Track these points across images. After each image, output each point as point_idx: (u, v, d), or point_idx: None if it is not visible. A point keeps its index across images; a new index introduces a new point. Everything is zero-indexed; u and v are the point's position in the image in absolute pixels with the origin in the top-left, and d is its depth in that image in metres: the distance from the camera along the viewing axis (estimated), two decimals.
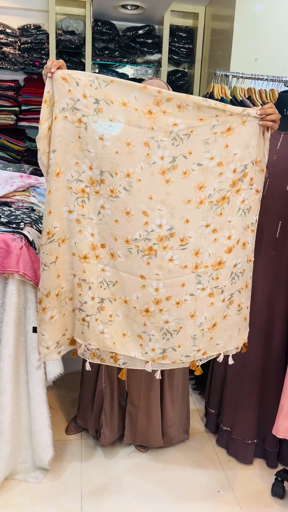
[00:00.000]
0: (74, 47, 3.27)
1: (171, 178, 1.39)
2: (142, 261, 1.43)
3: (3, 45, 3.14)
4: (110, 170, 1.38)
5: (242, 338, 1.62)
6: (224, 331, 1.57)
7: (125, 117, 1.35)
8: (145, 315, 1.48)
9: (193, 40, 3.50)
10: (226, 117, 1.38)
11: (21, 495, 1.70)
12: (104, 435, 1.91)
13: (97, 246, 1.46)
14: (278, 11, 2.84)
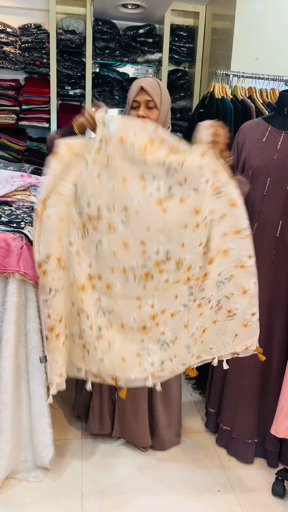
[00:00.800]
0: (75, 47, 3.27)
1: (168, 207, 1.40)
2: (139, 286, 1.45)
3: (4, 45, 3.14)
4: (107, 205, 1.39)
5: (243, 344, 1.59)
6: (216, 335, 1.57)
7: (120, 153, 1.37)
8: (142, 331, 1.51)
9: (194, 39, 3.50)
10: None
11: (22, 494, 1.70)
12: (89, 424, 1.96)
13: (94, 276, 1.47)
14: (279, 10, 2.83)
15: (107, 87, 3.44)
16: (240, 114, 2.17)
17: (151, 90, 1.59)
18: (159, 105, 1.61)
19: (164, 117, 1.65)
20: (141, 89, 1.60)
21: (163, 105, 1.63)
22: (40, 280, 1.45)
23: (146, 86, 1.59)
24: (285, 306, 1.82)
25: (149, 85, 1.60)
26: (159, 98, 1.61)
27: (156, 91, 1.61)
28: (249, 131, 1.83)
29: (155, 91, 1.61)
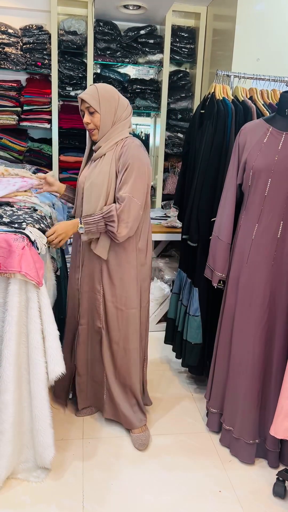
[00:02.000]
0: (76, 47, 3.28)
1: None
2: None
3: (5, 46, 3.14)
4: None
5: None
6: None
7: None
8: None
9: (195, 40, 3.50)
10: None
11: (23, 494, 1.71)
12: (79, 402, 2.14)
13: None
14: (280, 11, 2.84)
15: None
16: (241, 115, 2.17)
17: (87, 97, 1.77)
18: (98, 108, 1.78)
19: (109, 115, 1.80)
20: (81, 100, 1.81)
21: (103, 106, 1.78)
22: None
23: (83, 95, 1.79)
24: (286, 307, 1.82)
25: (86, 93, 1.79)
26: (97, 102, 1.78)
27: (93, 96, 1.78)
28: (250, 132, 1.83)
29: (92, 97, 1.78)
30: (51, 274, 2.05)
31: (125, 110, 1.84)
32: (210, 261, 2.01)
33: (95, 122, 1.80)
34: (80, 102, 1.82)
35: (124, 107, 1.84)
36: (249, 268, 1.83)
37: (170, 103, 3.56)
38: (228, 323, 1.94)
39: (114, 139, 1.82)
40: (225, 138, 2.14)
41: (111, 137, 1.82)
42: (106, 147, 1.82)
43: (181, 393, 2.43)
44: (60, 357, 1.67)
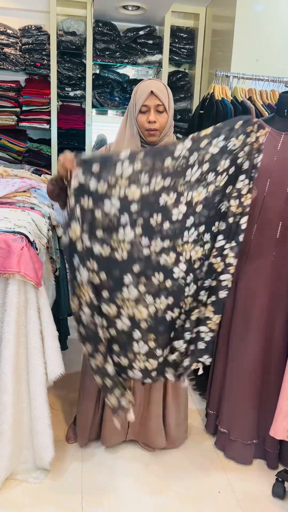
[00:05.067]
0: (75, 48, 3.28)
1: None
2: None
3: (4, 46, 3.14)
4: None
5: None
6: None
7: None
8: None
9: (194, 40, 3.51)
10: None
11: (22, 495, 1.70)
12: (105, 436, 1.91)
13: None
14: (279, 12, 2.84)
15: (107, 89, 3.45)
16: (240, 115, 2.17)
17: (161, 94, 1.59)
18: (168, 109, 1.62)
19: (171, 121, 1.67)
20: (151, 93, 1.58)
21: (171, 109, 1.65)
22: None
23: (157, 90, 1.58)
24: (285, 307, 1.82)
25: (159, 89, 1.60)
26: (167, 102, 1.62)
27: (165, 95, 1.62)
28: None
29: (164, 95, 1.61)
30: (50, 275, 2.05)
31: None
32: None
33: (162, 122, 1.61)
34: (147, 97, 1.58)
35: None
36: (248, 269, 1.83)
37: None
38: (227, 324, 1.94)
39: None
40: None
41: (167, 142, 1.67)
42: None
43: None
44: (59, 358, 1.67)
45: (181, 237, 1.46)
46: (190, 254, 1.48)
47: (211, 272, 1.50)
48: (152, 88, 1.58)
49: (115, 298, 1.46)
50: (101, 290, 1.45)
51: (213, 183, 1.45)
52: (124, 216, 1.41)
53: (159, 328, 1.50)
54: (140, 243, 1.43)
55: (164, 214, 1.44)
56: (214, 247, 1.49)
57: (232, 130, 1.42)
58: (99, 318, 1.48)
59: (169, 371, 1.58)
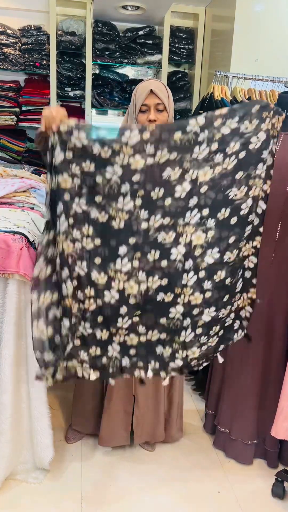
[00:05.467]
0: (75, 48, 3.28)
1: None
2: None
3: (4, 46, 3.14)
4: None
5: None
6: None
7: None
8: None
9: (194, 41, 3.50)
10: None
11: (22, 496, 1.70)
12: (103, 438, 1.90)
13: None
14: (278, 12, 2.84)
15: (107, 89, 3.45)
16: None
17: (160, 93, 1.60)
18: (168, 107, 1.63)
19: (171, 118, 1.67)
20: (150, 92, 1.60)
21: (171, 108, 1.66)
22: None
23: (156, 89, 1.60)
24: (285, 307, 1.82)
25: (158, 88, 1.61)
26: (167, 101, 1.63)
27: (165, 94, 1.63)
28: None
29: (164, 94, 1.62)
30: None
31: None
32: None
33: (162, 121, 1.63)
34: (147, 96, 1.61)
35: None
36: None
37: None
38: None
39: None
40: None
41: None
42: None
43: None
44: None
45: (182, 217, 1.42)
46: (191, 238, 1.44)
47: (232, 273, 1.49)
48: (151, 87, 1.60)
49: (107, 268, 1.42)
50: (94, 257, 1.41)
51: (220, 164, 1.41)
52: (125, 185, 1.37)
53: (146, 307, 1.47)
54: (139, 215, 1.40)
55: (167, 189, 1.40)
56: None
57: (247, 114, 1.39)
58: (88, 287, 1.43)
59: (153, 362, 1.53)
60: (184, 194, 1.41)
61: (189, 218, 1.43)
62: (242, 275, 1.58)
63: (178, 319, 1.50)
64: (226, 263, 1.48)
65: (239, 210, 1.46)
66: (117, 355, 1.52)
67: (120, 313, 1.46)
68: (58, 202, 1.38)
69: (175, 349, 1.53)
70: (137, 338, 1.50)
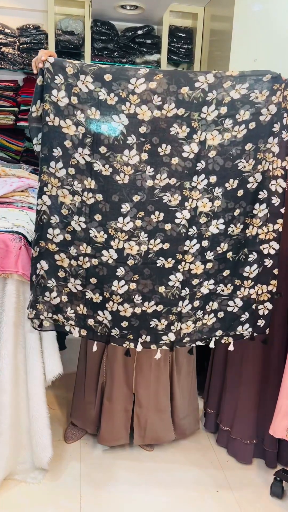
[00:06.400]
0: (73, 47, 3.27)
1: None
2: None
3: (2, 45, 3.13)
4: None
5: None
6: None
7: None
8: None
9: (192, 40, 3.50)
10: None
11: (20, 496, 1.70)
12: (103, 437, 1.90)
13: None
14: (277, 12, 2.84)
15: None
16: None
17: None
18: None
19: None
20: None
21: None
22: None
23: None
24: (285, 306, 1.82)
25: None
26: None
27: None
28: None
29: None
30: None
31: None
32: None
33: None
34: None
35: None
36: None
37: None
38: None
39: None
40: None
41: None
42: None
43: None
44: (58, 358, 1.66)
45: (189, 180, 1.40)
46: (196, 204, 1.42)
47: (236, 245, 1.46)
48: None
49: (107, 226, 1.40)
50: (94, 213, 1.39)
51: (229, 131, 1.39)
52: (131, 137, 1.35)
53: (144, 271, 1.44)
54: (144, 170, 1.37)
55: (174, 147, 1.37)
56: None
57: (258, 81, 1.38)
58: (84, 244, 1.41)
59: (144, 335, 1.51)
60: (192, 155, 1.39)
61: (196, 183, 1.41)
62: (260, 262, 1.50)
63: (177, 287, 1.46)
64: (230, 236, 1.46)
65: (246, 182, 1.43)
66: (107, 323, 1.49)
67: (117, 275, 1.42)
68: (55, 145, 1.35)
69: (171, 321, 1.50)
70: (131, 309, 1.46)
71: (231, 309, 1.55)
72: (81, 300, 1.49)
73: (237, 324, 1.58)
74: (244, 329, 1.58)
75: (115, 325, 1.50)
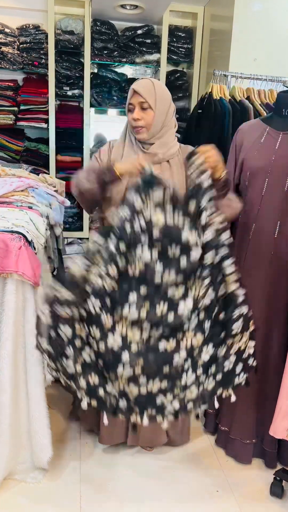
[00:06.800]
0: (73, 47, 3.27)
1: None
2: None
3: (2, 45, 3.13)
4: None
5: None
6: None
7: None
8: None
9: (192, 40, 3.50)
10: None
11: (20, 495, 1.70)
12: (103, 437, 1.90)
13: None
14: (277, 11, 2.84)
15: (106, 88, 3.44)
16: (238, 115, 2.17)
17: (143, 91, 1.61)
18: (153, 105, 1.62)
19: (162, 117, 1.65)
20: (134, 92, 1.63)
21: (159, 105, 1.63)
22: None
23: (138, 88, 1.61)
24: (284, 307, 1.82)
25: (142, 87, 1.62)
26: (153, 99, 1.61)
27: (150, 92, 1.61)
28: (247, 132, 1.84)
29: (148, 92, 1.61)
30: (48, 275, 2.04)
31: (173, 115, 1.70)
32: None
33: (147, 120, 1.62)
34: (131, 95, 1.64)
35: (173, 112, 1.70)
36: (246, 268, 1.83)
37: None
38: None
39: (171, 147, 1.70)
40: (222, 138, 2.14)
41: (168, 143, 1.69)
42: (166, 154, 1.68)
43: None
44: None
45: (193, 274, 1.42)
46: (199, 293, 1.44)
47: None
48: (134, 87, 1.63)
49: (114, 311, 1.41)
50: (105, 297, 1.40)
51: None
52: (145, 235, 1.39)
53: (149, 356, 1.44)
54: (154, 266, 1.39)
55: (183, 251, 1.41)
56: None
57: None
58: (94, 327, 1.42)
59: (150, 409, 1.50)
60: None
61: (198, 274, 1.43)
62: (241, 314, 1.52)
63: (181, 364, 1.47)
64: (218, 299, 1.48)
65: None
66: (115, 393, 1.49)
67: (122, 360, 1.43)
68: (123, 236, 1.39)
69: (176, 394, 1.50)
70: (136, 389, 1.46)
71: (228, 368, 1.56)
72: (94, 369, 1.49)
73: (234, 377, 1.59)
74: (240, 378, 1.60)
75: (122, 396, 1.50)
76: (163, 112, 1.64)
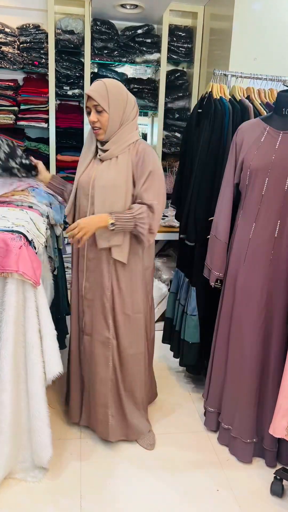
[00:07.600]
0: (73, 47, 3.27)
1: None
2: None
3: (2, 45, 3.14)
4: None
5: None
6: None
7: None
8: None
9: (192, 39, 3.50)
10: None
11: (20, 494, 1.70)
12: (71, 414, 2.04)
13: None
14: (277, 11, 2.84)
15: None
16: (238, 114, 2.17)
17: (95, 94, 1.67)
18: (106, 108, 1.68)
19: (117, 116, 1.71)
20: (88, 96, 1.70)
21: (113, 105, 1.69)
22: None
23: (90, 92, 1.68)
24: (284, 307, 1.82)
25: (94, 90, 1.68)
26: (105, 101, 1.68)
27: (102, 95, 1.67)
28: (247, 132, 1.84)
29: (100, 95, 1.67)
30: (49, 274, 2.04)
31: (132, 109, 1.75)
32: (208, 260, 2.01)
33: (102, 121, 1.70)
34: (87, 99, 1.71)
35: (132, 106, 1.75)
36: (247, 268, 1.83)
37: (167, 102, 3.56)
38: (225, 323, 1.94)
39: (125, 141, 1.74)
40: (222, 137, 2.14)
41: (121, 139, 1.74)
42: (118, 149, 1.73)
43: (179, 392, 2.43)
44: (58, 357, 1.67)
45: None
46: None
47: None
48: (87, 91, 1.70)
49: None
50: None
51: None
52: None
53: None
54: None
55: None
56: None
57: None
58: None
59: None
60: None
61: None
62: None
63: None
64: None
65: None
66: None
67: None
68: None
69: None
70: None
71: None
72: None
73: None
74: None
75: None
76: (118, 111, 1.71)
